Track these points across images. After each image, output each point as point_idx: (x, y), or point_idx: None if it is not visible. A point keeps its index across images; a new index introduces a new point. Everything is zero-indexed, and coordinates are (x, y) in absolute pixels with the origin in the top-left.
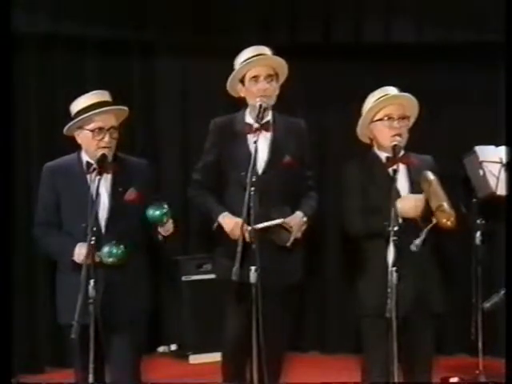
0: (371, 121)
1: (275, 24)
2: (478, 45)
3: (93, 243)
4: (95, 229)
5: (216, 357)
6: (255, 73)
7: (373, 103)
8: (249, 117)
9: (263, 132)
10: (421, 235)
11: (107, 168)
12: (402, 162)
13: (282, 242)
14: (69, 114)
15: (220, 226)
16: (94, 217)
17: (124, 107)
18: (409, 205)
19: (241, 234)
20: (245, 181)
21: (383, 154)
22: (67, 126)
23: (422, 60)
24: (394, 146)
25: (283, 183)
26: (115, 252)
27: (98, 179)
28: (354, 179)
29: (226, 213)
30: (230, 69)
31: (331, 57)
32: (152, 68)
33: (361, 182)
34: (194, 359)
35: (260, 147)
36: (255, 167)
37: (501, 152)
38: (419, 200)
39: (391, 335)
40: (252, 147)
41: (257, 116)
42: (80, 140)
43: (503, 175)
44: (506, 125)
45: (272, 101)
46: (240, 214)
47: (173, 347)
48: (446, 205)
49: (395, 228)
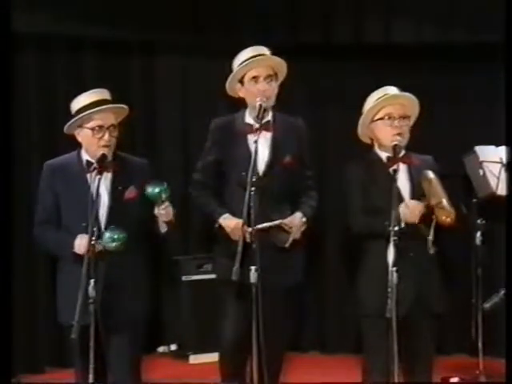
0: (372, 120)
1: (275, 24)
2: (478, 45)
3: (93, 242)
4: (95, 228)
5: (216, 357)
6: (255, 73)
7: (373, 102)
8: (249, 117)
9: (263, 132)
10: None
11: (107, 167)
12: (403, 162)
13: (281, 243)
14: (69, 114)
15: (221, 227)
16: (94, 216)
17: (123, 106)
18: (406, 211)
19: (241, 235)
20: (245, 181)
21: (384, 154)
22: (67, 125)
23: (422, 60)
24: (395, 146)
25: (283, 183)
26: (117, 236)
27: (98, 178)
28: (356, 179)
29: (227, 215)
30: (230, 69)
31: (331, 57)
32: (152, 68)
33: (362, 182)
34: (194, 359)
35: (260, 147)
36: (255, 167)
37: (501, 152)
38: (417, 207)
39: (391, 335)
40: (252, 147)
41: (257, 116)
42: (80, 138)
43: (503, 175)
44: (506, 125)
45: (272, 101)
46: (240, 214)
47: (173, 347)
48: (446, 202)
49: (395, 228)
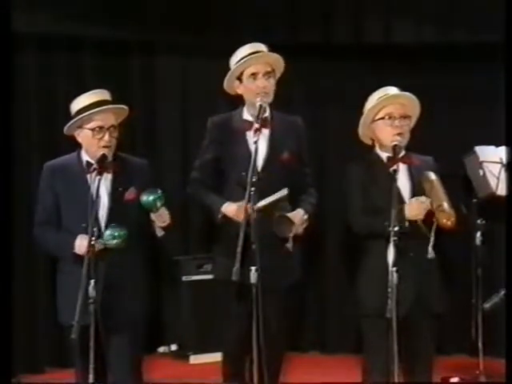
0: (372, 120)
1: (275, 24)
2: (478, 45)
3: (93, 243)
4: (95, 228)
5: (216, 357)
6: (254, 70)
7: (374, 102)
8: (247, 113)
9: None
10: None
11: (107, 168)
12: (403, 162)
13: (283, 234)
14: (69, 114)
15: (221, 226)
16: (94, 216)
17: (124, 106)
18: (411, 208)
19: (245, 217)
20: (245, 181)
21: (384, 154)
22: (67, 125)
23: (422, 60)
24: (395, 146)
25: (282, 180)
26: (118, 233)
27: (98, 179)
28: (356, 179)
29: (229, 202)
30: (228, 66)
31: (331, 57)
32: (152, 68)
33: (362, 182)
34: (195, 359)
35: (259, 144)
36: (255, 167)
37: (501, 152)
38: (422, 203)
39: (391, 335)
40: (252, 147)
41: (257, 117)
42: (80, 139)
43: (503, 175)
44: (506, 125)
45: (270, 98)
46: None
47: (173, 347)
48: (446, 205)
49: (396, 228)
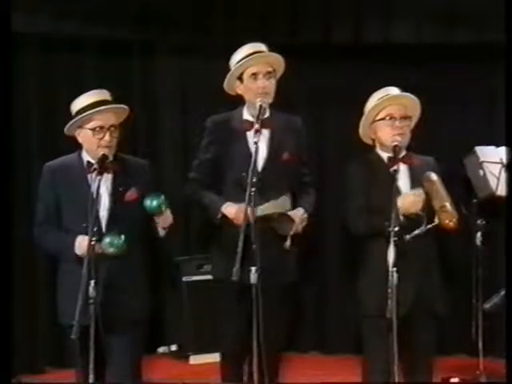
0: (373, 120)
1: (275, 24)
2: (478, 45)
3: (93, 243)
4: (96, 229)
5: (216, 357)
6: (255, 70)
7: (375, 103)
8: (247, 114)
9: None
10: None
11: (108, 168)
12: (404, 162)
13: (284, 232)
14: (69, 114)
15: (220, 226)
16: (95, 217)
17: (124, 106)
18: (408, 200)
19: (245, 220)
20: (245, 181)
21: (385, 154)
22: (68, 126)
23: (422, 60)
24: (395, 147)
25: (282, 180)
26: (116, 243)
27: (99, 179)
28: (357, 179)
29: (229, 203)
30: (228, 66)
31: (331, 57)
32: (152, 68)
33: (363, 182)
34: (195, 359)
35: (259, 144)
36: (256, 168)
37: (501, 152)
38: (418, 195)
39: (391, 335)
40: (252, 147)
41: (257, 117)
42: (81, 139)
43: (503, 176)
44: (506, 125)
45: (271, 98)
46: None
47: (173, 347)
48: (449, 205)
49: (396, 228)
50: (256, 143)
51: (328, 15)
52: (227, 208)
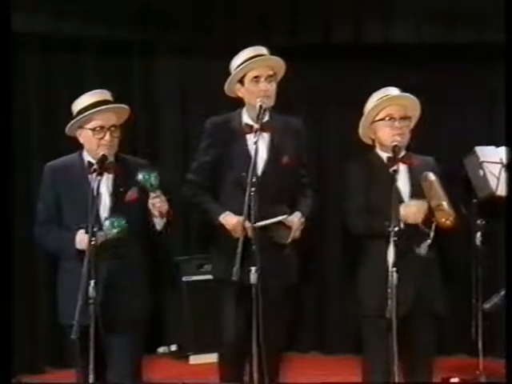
0: (373, 121)
1: (275, 24)
2: (478, 45)
3: (93, 243)
4: (96, 229)
5: (216, 357)
6: (256, 73)
7: (374, 103)
8: (246, 116)
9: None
10: (427, 239)
11: (108, 168)
12: (403, 162)
13: (282, 240)
14: (69, 114)
15: (220, 225)
16: (95, 217)
17: (124, 106)
18: (410, 211)
19: (242, 232)
20: (244, 181)
21: (385, 155)
22: (68, 126)
23: (422, 60)
24: (394, 147)
25: (282, 182)
26: (117, 223)
27: (99, 179)
28: (356, 179)
29: (228, 212)
30: (228, 69)
31: (331, 57)
32: (152, 68)
33: (363, 182)
34: (194, 360)
35: (259, 147)
36: (255, 168)
37: (501, 152)
38: (422, 207)
39: (391, 335)
40: (252, 148)
41: (257, 117)
42: (82, 139)
43: (503, 176)
44: (506, 125)
45: (272, 101)
46: (237, 214)
47: (173, 348)
48: (446, 204)
49: (395, 228)
50: (256, 143)
51: (328, 15)
52: (226, 218)
